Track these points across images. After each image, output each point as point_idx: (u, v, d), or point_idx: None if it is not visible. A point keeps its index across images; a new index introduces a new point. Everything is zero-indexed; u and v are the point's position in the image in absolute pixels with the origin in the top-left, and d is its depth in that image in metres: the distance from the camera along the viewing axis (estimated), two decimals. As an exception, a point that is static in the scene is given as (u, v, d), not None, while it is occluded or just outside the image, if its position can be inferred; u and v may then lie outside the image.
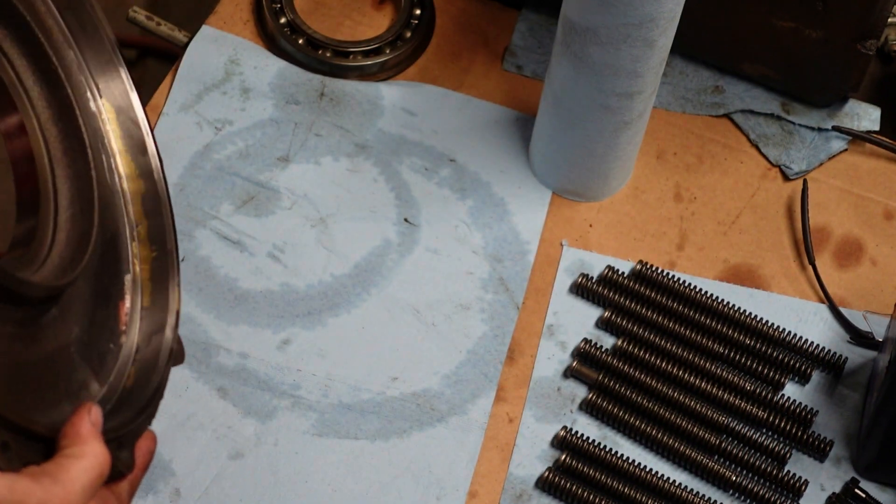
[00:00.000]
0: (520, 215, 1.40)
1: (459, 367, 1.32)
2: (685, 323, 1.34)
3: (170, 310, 1.09)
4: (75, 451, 0.92)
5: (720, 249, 1.40)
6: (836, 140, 1.45)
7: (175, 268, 1.11)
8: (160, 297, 1.09)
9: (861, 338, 1.35)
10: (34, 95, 1.05)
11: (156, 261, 1.10)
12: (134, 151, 1.11)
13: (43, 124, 1.04)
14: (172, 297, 1.10)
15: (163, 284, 1.10)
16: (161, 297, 1.09)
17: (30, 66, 1.05)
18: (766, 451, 1.29)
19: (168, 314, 1.09)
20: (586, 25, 1.24)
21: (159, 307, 1.09)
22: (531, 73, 1.48)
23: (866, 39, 1.37)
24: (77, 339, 1.01)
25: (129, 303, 1.08)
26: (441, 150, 1.43)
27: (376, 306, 1.35)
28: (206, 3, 1.52)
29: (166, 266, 1.10)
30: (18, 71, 1.04)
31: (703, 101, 1.47)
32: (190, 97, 1.43)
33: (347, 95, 1.45)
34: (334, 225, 1.38)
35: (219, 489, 1.25)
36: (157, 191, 1.12)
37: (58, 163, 1.04)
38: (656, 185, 1.43)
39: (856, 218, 1.42)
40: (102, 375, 1.03)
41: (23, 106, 1.04)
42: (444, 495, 1.26)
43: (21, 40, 1.04)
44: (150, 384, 1.05)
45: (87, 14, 1.09)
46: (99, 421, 0.95)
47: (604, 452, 1.28)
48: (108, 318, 1.06)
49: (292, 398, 1.30)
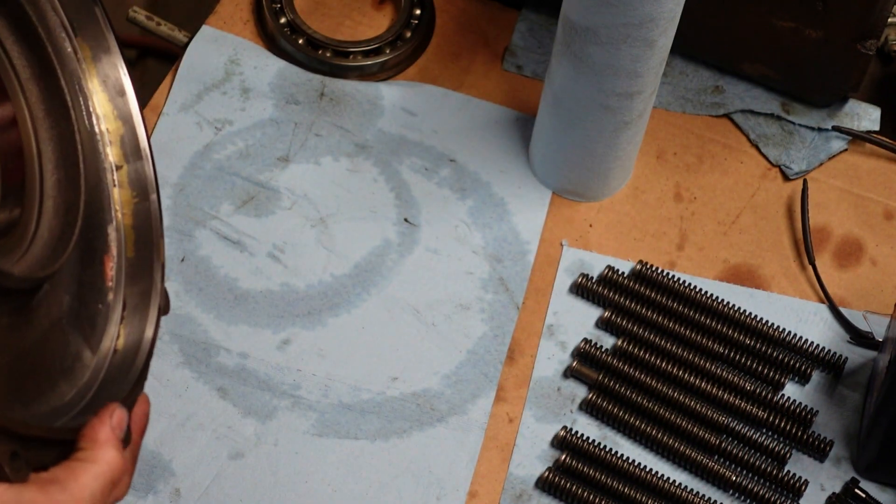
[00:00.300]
0: (520, 215, 1.40)
1: (459, 367, 1.32)
2: (685, 323, 1.34)
3: (155, 259, 1.06)
4: (89, 456, 0.91)
5: (720, 249, 1.40)
6: (836, 140, 1.45)
7: (158, 215, 1.08)
8: (144, 247, 1.07)
9: (861, 338, 1.35)
10: (16, 59, 1.02)
11: (137, 206, 1.07)
12: (111, 92, 1.08)
13: (24, 84, 1.02)
14: (158, 246, 1.07)
15: (146, 233, 1.07)
16: (145, 247, 1.07)
17: (8, 26, 1.02)
18: (766, 451, 1.29)
19: (154, 264, 1.06)
20: (586, 25, 1.24)
21: (144, 258, 1.06)
22: (531, 73, 1.48)
23: (866, 39, 1.37)
24: (68, 308, 1.00)
25: (115, 254, 1.05)
26: (441, 150, 1.43)
27: (376, 306, 1.35)
28: (206, 3, 1.52)
29: (148, 213, 1.08)
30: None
31: (703, 101, 1.47)
32: (190, 97, 1.43)
33: (347, 95, 1.45)
34: (334, 225, 1.38)
35: (219, 489, 1.25)
36: (137, 133, 1.09)
37: (40, 124, 1.02)
38: (656, 185, 1.43)
39: (856, 218, 1.42)
40: (94, 341, 1.02)
41: (6, 74, 1.01)
42: (444, 495, 1.26)
43: None
44: (142, 344, 1.03)
45: None
46: (122, 424, 0.95)
47: (604, 452, 1.28)
48: (95, 278, 1.04)
49: (292, 398, 1.30)
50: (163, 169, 1.39)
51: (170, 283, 1.34)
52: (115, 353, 1.02)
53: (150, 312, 1.05)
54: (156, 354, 1.29)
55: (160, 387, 1.29)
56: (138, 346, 1.03)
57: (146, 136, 1.09)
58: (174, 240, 1.36)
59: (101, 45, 1.08)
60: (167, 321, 1.32)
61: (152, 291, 1.05)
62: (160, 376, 1.29)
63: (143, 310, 1.05)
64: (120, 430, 0.94)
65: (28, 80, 1.02)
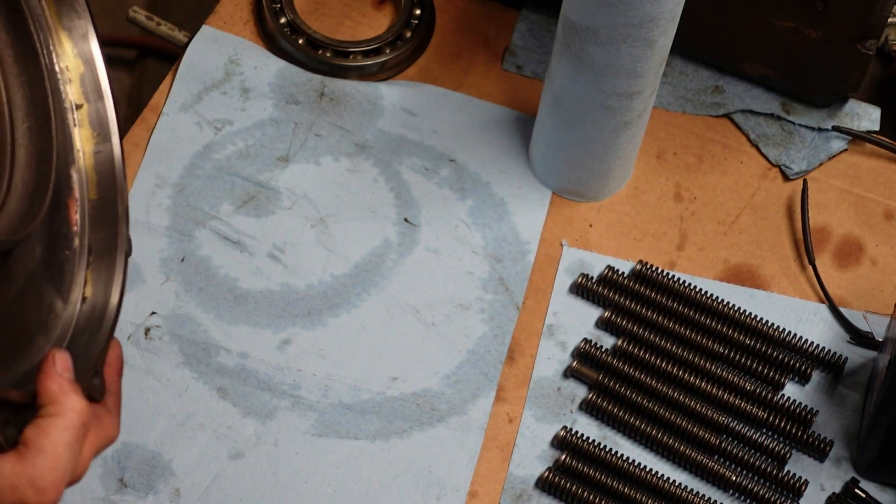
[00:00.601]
0: (520, 215, 1.40)
1: (459, 367, 1.32)
2: (685, 323, 1.34)
3: (119, 202, 1.04)
4: (51, 410, 0.91)
5: (720, 249, 1.40)
6: (836, 140, 1.45)
7: (121, 157, 1.06)
8: (107, 190, 1.05)
9: (861, 338, 1.35)
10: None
11: (98, 147, 1.05)
12: (75, 37, 1.06)
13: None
14: (121, 189, 1.05)
15: (109, 175, 1.05)
16: (108, 189, 1.05)
17: None
18: (766, 451, 1.29)
19: (118, 207, 1.04)
20: (586, 25, 1.24)
21: (108, 201, 1.04)
22: (531, 73, 1.48)
23: (866, 39, 1.37)
24: (40, 258, 0.98)
25: (78, 197, 1.03)
26: (441, 150, 1.43)
27: (376, 306, 1.35)
28: (206, 3, 1.52)
29: (111, 154, 1.06)
30: None
31: (703, 101, 1.47)
32: (190, 97, 1.43)
33: (347, 95, 1.45)
34: (334, 225, 1.38)
35: (219, 489, 1.25)
36: (97, 73, 1.06)
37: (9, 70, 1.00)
38: (656, 185, 1.43)
39: (856, 218, 1.42)
40: (64, 291, 1.00)
41: None
42: (444, 495, 1.26)
43: None
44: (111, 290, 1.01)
45: None
46: (67, 365, 0.93)
47: (604, 452, 1.28)
48: (62, 223, 1.02)
49: (292, 398, 1.30)
50: (163, 169, 1.39)
51: (170, 283, 1.34)
52: (84, 300, 1.01)
53: (116, 257, 1.03)
54: (155, 354, 1.30)
55: (160, 387, 1.29)
56: (108, 293, 1.01)
57: (107, 78, 1.06)
58: (174, 240, 1.36)
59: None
60: (167, 321, 1.32)
61: (118, 236, 1.03)
62: (160, 376, 1.29)
63: (109, 254, 1.03)
64: (68, 372, 0.93)
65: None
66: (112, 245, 1.03)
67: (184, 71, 1.45)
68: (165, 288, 1.34)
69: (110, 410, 0.99)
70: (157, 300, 1.33)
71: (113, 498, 1.24)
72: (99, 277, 1.02)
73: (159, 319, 1.32)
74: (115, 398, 1.00)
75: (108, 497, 1.24)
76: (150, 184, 1.38)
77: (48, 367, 0.92)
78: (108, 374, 1.00)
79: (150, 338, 1.31)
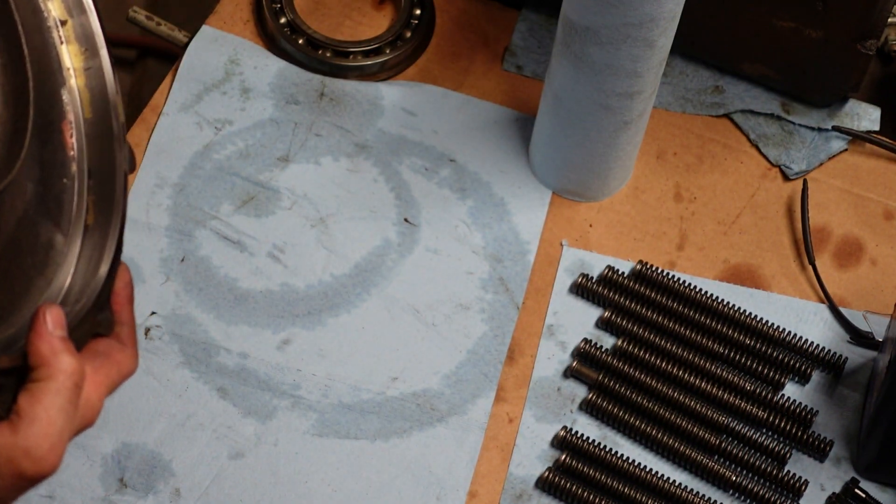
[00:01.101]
0: (520, 215, 1.40)
1: (459, 367, 1.32)
2: (685, 323, 1.34)
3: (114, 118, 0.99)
4: (42, 374, 0.88)
5: (720, 249, 1.40)
6: (836, 140, 1.45)
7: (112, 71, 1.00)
8: (101, 107, 1.00)
9: (861, 338, 1.35)
10: None
11: (88, 63, 1.00)
12: None
13: None
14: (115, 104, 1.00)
15: (101, 91, 1.00)
16: (102, 106, 1.00)
17: None
18: (766, 451, 1.29)
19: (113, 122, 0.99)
20: (586, 25, 1.24)
21: (103, 118, 0.99)
22: (531, 73, 1.48)
23: (866, 39, 1.37)
24: (32, 196, 0.93)
25: (73, 119, 0.98)
26: (441, 150, 1.43)
27: (376, 306, 1.35)
28: (206, 3, 1.52)
29: (101, 69, 1.00)
30: None
31: (703, 101, 1.47)
32: (190, 97, 1.43)
33: (347, 95, 1.45)
34: (334, 225, 1.38)
35: (219, 489, 1.25)
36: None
37: None
38: (656, 185, 1.43)
39: (856, 218, 1.42)
40: (64, 222, 0.95)
41: None
42: (444, 495, 1.26)
43: None
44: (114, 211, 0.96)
45: None
46: (60, 321, 0.89)
47: (604, 452, 1.28)
48: (56, 151, 0.97)
49: (292, 398, 1.30)
50: (163, 169, 1.39)
51: (170, 283, 1.34)
52: (87, 228, 0.97)
53: (116, 176, 0.98)
54: (155, 354, 1.30)
55: (160, 387, 1.29)
56: (110, 216, 0.97)
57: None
58: (174, 240, 1.36)
59: None
60: (167, 321, 1.32)
61: (116, 152, 0.98)
62: (160, 376, 1.29)
63: (109, 174, 0.98)
64: (61, 328, 0.89)
65: None
66: (111, 164, 0.98)
67: (184, 71, 1.45)
68: (165, 288, 1.34)
69: (124, 342, 0.95)
70: (157, 300, 1.33)
71: (113, 498, 1.24)
72: (101, 200, 0.97)
73: (159, 319, 1.32)
74: (129, 328, 0.95)
75: (108, 497, 1.24)
76: (150, 184, 1.38)
77: (39, 327, 0.88)
78: (116, 304, 0.96)
79: (150, 338, 1.31)
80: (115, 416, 1.27)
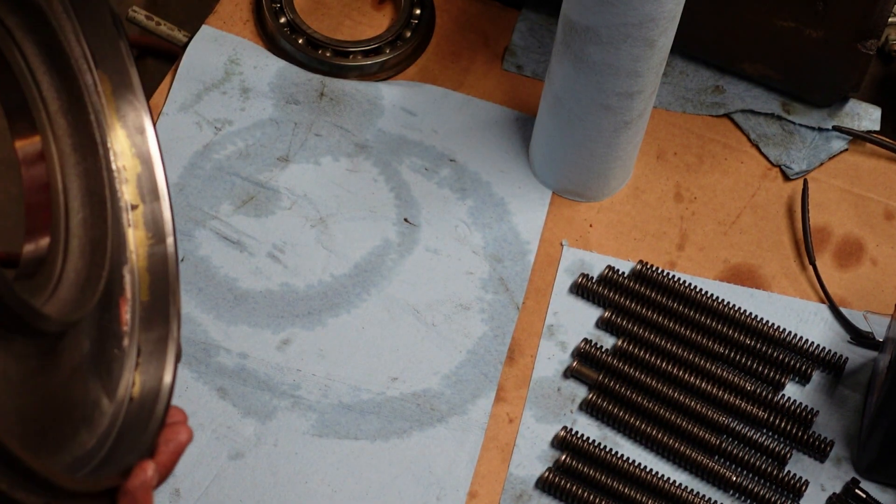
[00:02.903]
0: (520, 215, 1.40)
1: (459, 367, 1.32)
2: (685, 323, 1.34)
3: (171, 305, 1.03)
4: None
5: (720, 249, 1.40)
6: (837, 140, 1.45)
7: (175, 259, 1.04)
8: (160, 292, 1.03)
9: (861, 338, 1.35)
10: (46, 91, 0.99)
11: (152, 249, 1.04)
12: (130, 129, 1.05)
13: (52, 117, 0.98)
14: (174, 292, 1.03)
15: (162, 277, 1.04)
16: (161, 291, 1.03)
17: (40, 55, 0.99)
18: (766, 451, 1.29)
19: (170, 309, 1.03)
20: (586, 25, 1.24)
21: (160, 303, 1.03)
22: (531, 73, 1.48)
23: (867, 39, 1.37)
24: (88, 353, 0.97)
25: (130, 297, 1.02)
26: (441, 150, 1.43)
27: (376, 306, 1.35)
28: (206, 3, 1.52)
29: (165, 256, 1.04)
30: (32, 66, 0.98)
31: (703, 100, 1.47)
32: (190, 97, 1.43)
33: (347, 95, 1.45)
34: (334, 225, 1.38)
35: (219, 489, 1.25)
36: (154, 173, 1.05)
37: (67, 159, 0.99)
38: (656, 185, 1.43)
39: (856, 218, 1.42)
40: (111, 388, 0.98)
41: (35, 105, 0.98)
42: (444, 495, 1.26)
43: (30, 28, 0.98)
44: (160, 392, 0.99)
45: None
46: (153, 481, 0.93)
47: (604, 452, 1.28)
48: (112, 321, 1.01)
49: (292, 398, 1.29)
50: (162, 169, 1.39)
51: (169, 283, 1.34)
52: (132, 400, 0.99)
53: (167, 359, 1.01)
54: (155, 354, 1.30)
55: (160, 387, 1.29)
56: (156, 393, 1.00)
57: (164, 178, 1.05)
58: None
59: (122, 79, 1.04)
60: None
61: (168, 338, 1.02)
62: (160, 376, 1.29)
63: (158, 356, 1.01)
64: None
65: (56, 112, 0.99)
66: (162, 347, 1.02)
67: (183, 71, 1.45)
68: (165, 288, 1.34)
69: None
70: (157, 300, 1.33)
71: (112, 498, 1.24)
72: (147, 379, 1.00)
73: (159, 319, 1.32)
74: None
75: (107, 497, 1.24)
76: (150, 184, 1.38)
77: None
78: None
79: (150, 338, 1.31)
80: (115, 417, 1.27)
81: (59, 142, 0.99)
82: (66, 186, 0.99)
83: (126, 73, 1.05)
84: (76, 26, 1.02)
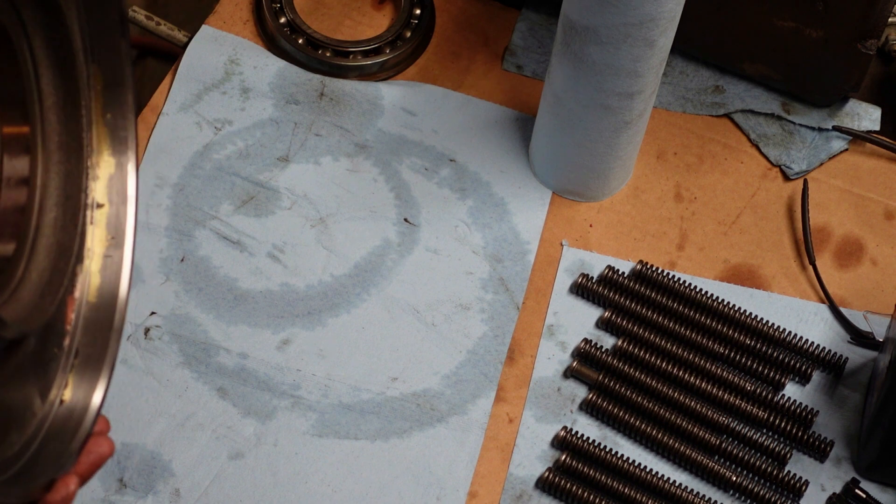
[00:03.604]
0: (520, 215, 1.40)
1: (459, 367, 1.32)
2: (685, 323, 1.34)
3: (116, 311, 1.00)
4: None
5: (720, 249, 1.40)
6: (837, 140, 1.45)
7: (129, 268, 1.02)
8: (108, 296, 1.01)
9: (861, 338, 1.35)
10: (45, 84, 0.97)
11: (109, 251, 1.02)
12: (111, 126, 1.02)
13: (45, 112, 0.97)
14: (121, 298, 1.01)
15: (113, 282, 1.01)
16: (109, 295, 1.01)
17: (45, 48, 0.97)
18: (766, 451, 1.29)
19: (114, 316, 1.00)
20: (586, 25, 1.24)
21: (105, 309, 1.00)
22: (531, 73, 1.48)
23: (867, 39, 1.37)
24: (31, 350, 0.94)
25: (78, 296, 0.99)
26: (441, 150, 1.43)
27: (376, 306, 1.35)
28: (206, 3, 1.52)
29: (119, 262, 1.02)
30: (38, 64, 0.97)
31: (703, 100, 1.47)
32: (190, 97, 1.43)
33: (347, 95, 1.45)
34: (334, 225, 1.38)
35: (219, 489, 1.25)
36: (126, 175, 1.03)
37: (51, 157, 0.97)
38: (656, 185, 1.43)
39: (856, 218, 1.42)
40: (44, 389, 0.96)
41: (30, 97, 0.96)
42: (444, 495, 1.26)
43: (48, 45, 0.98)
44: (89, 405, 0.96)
45: None
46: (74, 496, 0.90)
47: (604, 452, 1.28)
48: (57, 319, 0.98)
49: (292, 398, 1.29)
50: (163, 169, 1.39)
51: (169, 283, 1.34)
52: (61, 404, 0.96)
53: (102, 368, 0.98)
54: (155, 354, 1.30)
55: (160, 387, 1.29)
56: (85, 406, 0.97)
57: (135, 182, 1.03)
58: (174, 240, 1.36)
59: (115, 77, 1.03)
60: (167, 321, 1.32)
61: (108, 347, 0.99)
62: (160, 376, 1.29)
63: (95, 363, 0.98)
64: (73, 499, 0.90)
65: (50, 107, 0.98)
66: (100, 354, 0.99)
67: (183, 71, 1.45)
68: (165, 288, 1.34)
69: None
70: (157, 300, 1.33)
71: (112, 498, 1.24)
72: (80, 384, 0.98)
73: (159, 319, 1.32)
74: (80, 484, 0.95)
75: (107, 497, 1.24)
76: (150, 184, 1.38)
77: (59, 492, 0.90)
78: None
79: (150, 338, 1.31)
80: (115, 417, 1.26)
81: (46, 138, 0.98)
82: (44, 183, 0.97)
83: (120, 71, 1.03)
84: (83, 21, 1.00)
